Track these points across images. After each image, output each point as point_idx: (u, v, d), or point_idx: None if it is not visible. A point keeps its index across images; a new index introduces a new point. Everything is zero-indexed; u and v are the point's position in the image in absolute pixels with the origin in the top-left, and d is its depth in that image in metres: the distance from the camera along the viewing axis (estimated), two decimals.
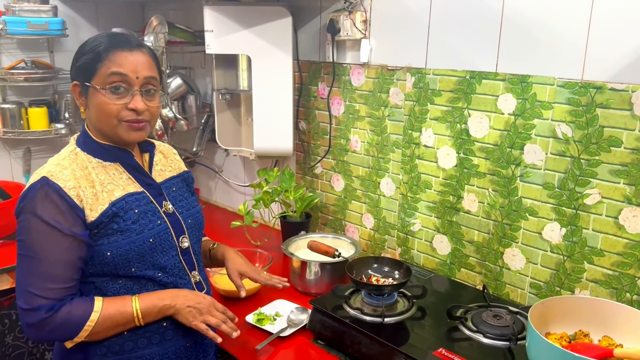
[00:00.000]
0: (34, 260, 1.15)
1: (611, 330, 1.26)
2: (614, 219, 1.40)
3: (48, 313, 1.14)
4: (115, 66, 1.18)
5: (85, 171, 1.21)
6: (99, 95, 1.19)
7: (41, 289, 1.14)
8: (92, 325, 1.16)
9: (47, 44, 2.56)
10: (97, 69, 1.19)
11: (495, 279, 1.68)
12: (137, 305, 1.21)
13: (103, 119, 1.21)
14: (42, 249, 1.14)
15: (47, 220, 1.14)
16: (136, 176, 1.28)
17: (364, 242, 2.07)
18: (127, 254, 1.20)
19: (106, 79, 1.19)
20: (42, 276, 1.14)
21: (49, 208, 1.14)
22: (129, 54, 1.20)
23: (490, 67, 1.58)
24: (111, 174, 1.25)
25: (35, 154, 2.60)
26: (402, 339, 1.38)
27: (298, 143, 2.24)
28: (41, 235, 1.14)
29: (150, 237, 1.23)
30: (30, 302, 1.14)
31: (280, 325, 1.56)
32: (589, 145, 1.41)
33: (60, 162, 1.21)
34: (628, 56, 1.32)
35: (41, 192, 1.15)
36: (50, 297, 1.14)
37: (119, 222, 1.20)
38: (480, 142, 1.63)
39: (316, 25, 2.05)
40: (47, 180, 1.16)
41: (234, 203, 2.65)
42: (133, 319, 1.20)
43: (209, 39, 2.03)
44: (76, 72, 1.23)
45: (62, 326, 1.15)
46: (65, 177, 1.17)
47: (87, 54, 1.21)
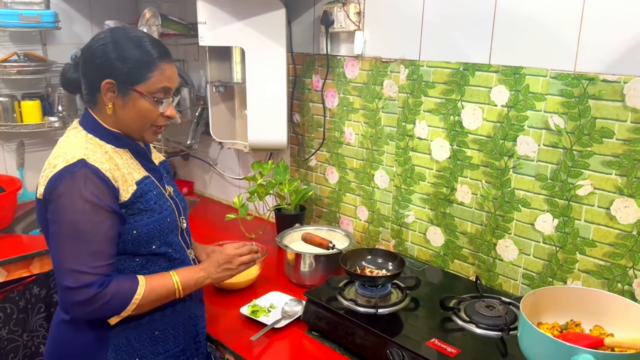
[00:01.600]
0: (81, 239, 1.18)
1: (602, 319, 1.27)
2: (606, 209, 1.41)
3: (100, 289, 1.18)
4: (165, 80, 1.27)
5: (107, 155, 1.27)
6: (142, 101, 1.26)
7: (91, 266, 1.18)
8: (139, 298, 1.22)
9: (40, 37, 2.54)
10: (147, 78, 1.25)
11: (488, 270, 1.69)
12: (177, 279, 1.30)
13: (140, 122, 1.29)
14: (88, 229, 1.18)
15: (90, 199, 1.18)
16: (142, 162, 1.36)
17: (358, 234, 2.07)
18: (151, 232, 1.29)
19: (156, 89, 1.26)
20: (91, 254, 1.18)
21: (91, 188, 1.19)
22: (170, 67, 1.29)
23: (483, 59, 1.58)
24: (124, 158, 1.31)
25: (29, 148, 2.59)
26: (395, 330, 1.39)
27: (292, 136, 2.24)
28: (87, 215, 1.18)
29: (167, 216, 1.33)
30: (80, 280, 1.17)
31: (274, 317, 1.57)
32: (582, 137, 1.42)
33: (87, 146, 1.25)
34: (620, 48, 1.33)
35: (81, 173, 1.19)
36: (100, 273, 1.18)
37: (143, 202, 1.28)
38: (473, 134, 1.64)
39: (310, 17, 2.05)
40: (85, 163, 1.20)
41: (229, 196, 2.65)
42: (174, 292, 1.29)
43: (203, 31, 2.03)
44: (117, 73, 1.24)
45: (112, 301, 1.19)
46: (99, 160, 1.23)
47: (136, 60, 1.24)
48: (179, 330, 1.39)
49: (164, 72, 1.27)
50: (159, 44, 1.30)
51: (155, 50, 1.27)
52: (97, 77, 1.25)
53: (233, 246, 1.46)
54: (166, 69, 1.27)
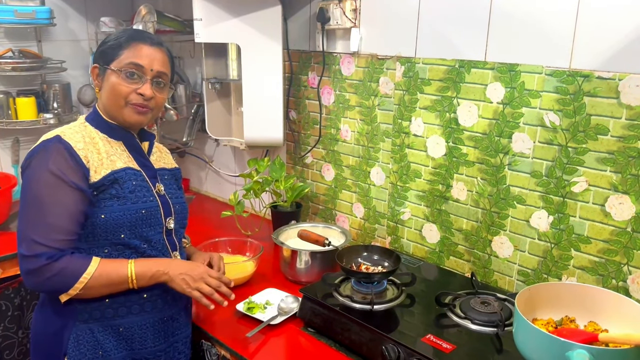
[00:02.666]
0: (41, 210, 1.21)
1: (597, 315, 1.28)
2: (601, 206, 1.41)
3: (48, 260, 1.19)
4: (134, 57, 1.31)
5: (93, 140, 1.32)
6: (113, 76, 1.31)
7: (45, 237, 1.20)
8: (87, 277, 1.22)
9: (35, 33, 2.53)
10: (117, 55, 1.31)
11: (483, 267, 1.69)
12: (133, 267, 1.28)
13: (113, 98, 1.32)
14: (49, 200, 1.21)
15: (56, 173, 1.21)
16: (135, 157, 1.38)
17: (354, 232, 2.07)
18: (120, 219, 1.28)
19: (124, 65, 1.31)
20: (47, 225, 1.21)
21: (59, 162, 1.22)
22: (148, 48, 1.33)
23: (479, 56, 1.58)
24: (115, 148, 1.35)
25: (24, 144, 2.58)
26: (391, 326, 1.39)
27: (288, 133, 2.24)
28: (49, 187, 1.22)
29: (142, 208, 1.32)
30: (32, 249, 1.20)
31: (270, 314, 1.57)
32: (577, 134, 1.42)
33: (72, 128, 1.32)
34: (615, 45, 1.33)
35: (53, 148, 1.24)
36: (52, 246, 1.20)
37: (117, 188, 1.29)
38: (469, 131, 1.64)
39: (306, 14, 2.05)
40: (59, 138, 1.26)
41: (225, 193, 2.65)
42: (127, 280, 1.27)
43: (198, 27, 2.02)
44: (98, 56, 1.35)
45: (59, 275, 1.20)
46: (76, 139, 1.28)
47: (111, 42, 1.34)
48: (148, 332, 1.35)
49: (136, 50, 1.32)
50: (142, 32, 1.40)
51: (135, 33, 1.36)
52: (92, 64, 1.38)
53: (207, 270, 1.37)
54: (140, 49, 1.32)
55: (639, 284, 1.39)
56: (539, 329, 1.13)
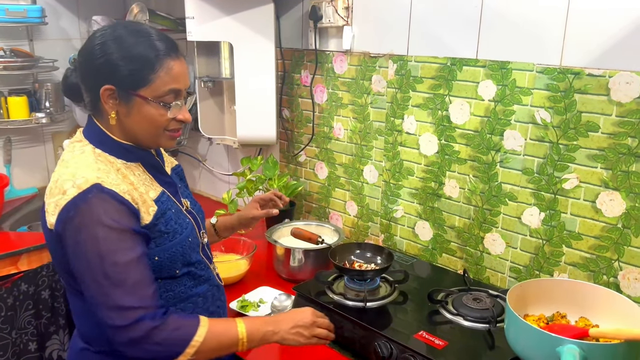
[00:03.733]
0: (116, 273, 1.03)
1: (588, 311, 1.29)
2: (592, 203, 1.42)
3: (155, 322, 1.03)
4: (172, 82, 1.11)
5: (120, 173, 1.12)
6: (148, 107, 1.11)
7: (136, 298, 1.03)
8: (199, 340, 1.06)
9: (27, 32, 2.52)
10: (150, 81, 1.09)
11: (475, 264, 1.70)
12: (244, 328, 1.13)
13: (148, 129, 1.14)
14: (121, 258, 1.03)
15: (114, 225, 1.04)
16: (155, 175, 1.21)
17: (347, 229, 2.08)
18: (174, 255, 1.16)
19: (162, 93, 1.11)
20: (132, 285, 1.03)
21: (110, 212, 1.04)
22: (179, 64, 1.13)
23: (470, 54, 1.59)
24: (137, 174, 1.16)
25: (16, 144, 2.57)
26: (384, 323, 1.40)
27: (282, 131, 2.24)
28: (114, 243, 1.04)
29: (188, 236, 1.20)
30: (128, 316, 1.02)
31: (264, 312, 1.57)
32: (567, 131, 1.43)
33: (99, 167, 1.09)
34: (605, 42, 1.34)
35: (97, 200, 1.04)
36: (148, 305, 1.04)
37: (163, 223, 1.14)
38: (461, 129, 1.65)
39: (298, 12, 2.05)
40: (101, 187, 1.05)
41: (218, 192, 2.64)
42: (237, 342, 1.12)
43: (191, 26, 2.02)
44: (114, 76, 1.09)
45: (170, 338, 1.05)
46: (114, 182, 1.08)
47: (135, 61, 1.09)
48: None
49: (171, 72, 1.11)
50: (165, 38, 1.13)
51: (160, 44, 1.11)
52: (96, 83, 1.10)
53: (313, 311, 1.25)
54: (173, 67, 1.11)
55: (629, 280, 1.40)
56: (530, 325, 1.14)
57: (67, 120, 2.70)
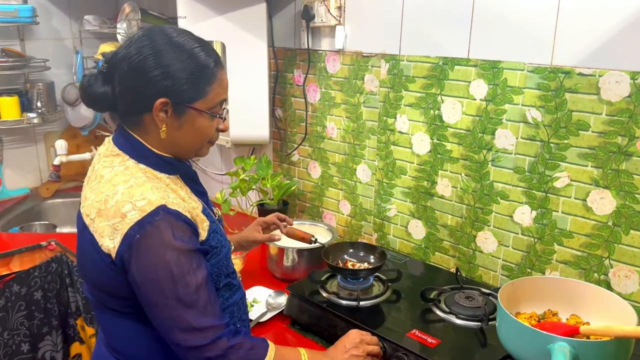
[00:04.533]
0: (190, 295, 1.02)
1: (579, 309, 1.30)
2: (582, 201, 1.43)
3: (232, 340, 1.04)
4: (224, 92, 1.10)
5: (170, 188, 1.09)
6: (201, 119, 1.08)
7: (210, 317, 1.03)
8: None
9: (18, 32, 2.50)
10: (207, 93, 1.07)
11: (468, 262, 1.71)
12: (307, 356, 1.16)
13: (197, 141, 1.12)
14: (193, 280, 1.02)
15: (184, 247, 1.02)
16: (192, 187, 1.17)
17: (341, 229, 2.08)
18: (220, 269, 1.15)
19: (215, 104, 1.09)
20: (204, 304, 1.03)
21: (179, 234, 1.02)
22: (225, 74, 1.12)
23: (462, 54, 1.60)
24: (178, 187, 1.12)
25: (8, 144, 2.56)
26: (377, 322, 1.40)
27: (275, 131, 2.24)
28: (185, 264, 1.02)
29: (229, 248, 1.20)
30: (206, 336, 1.02)
31: (258, 312, 1.57)
32: (558, 130, 1.44)
33: (154, 185, 1.05)
34: (595, 41, 1.35)
35: (164, 223, 1.01)
36: (221, 323, 1.05)
37: (213, 237, 1.13)
38: (453, 128, 1.66)
39: (291, 11, 2.05)
40: (167, 209, 1.02)
41: (211, 191, 2.63)
42: None
43: (183, 25, 2.01)
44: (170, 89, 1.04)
45: (244, 358, 1.05)
46: (175, 201, 1.05)
47: (194, 73, 1.05)
48: None
49: (222, 83, 1.10)
50: (211, 49, 1.10)
51: (210, 57, 1.08)
52: (147, 95, 1.04)
53: (357, 331, 1.29)
54: (223, 79, 1.10)
55: (620, 277, 1.41)
56: (521, 323, 1.14)
57: (59, 120, 2.69)
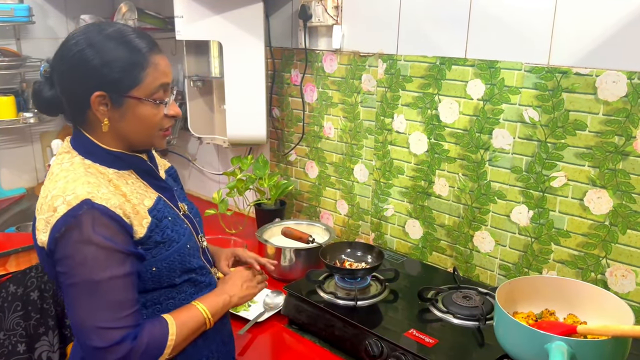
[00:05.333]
0: (100, 292, 1.02)
1: (576, 308, 1.30)
2: (579, 200, 1.44)
3: (133, 342, 1.03)
4: (162, 76, 1.10)
5: (112, 185, 1.09)
6: (142, 107, 1.09)
7: (116, 320, 1.02)
8: (173, 338, 1.09)
9: (14, 31, 2.49)
10: (141, 79, 1.07)
11: (465, 262, 1.71)
12: (204, 307, 1.17)
13: (144, 131, 1.12)
14: (107, 277, 1.02)
15: (104, 244, 1.01)
16: (150, 181, 1.18)
17: (338, 228, 2.08)
18: (172, 264, 1.14)
19: (154, 90, 1.09)
20: (113, 306, 1.03)
21: (102, 231, 1.02)
22: (163, 58, 1.11)
23: (459, 53, 1.60)
24: (130, 183, 1.13)
25: (3, 144, 2.55)
26: (374, 322, 1.40)
27: (272, 130, 2.24)
28: (102, 263, 1.02)
29: (186, 243, 1.17)
30: (109, 338, 1.01)
31: (255, 312, 1.57)
32: (555, 129, 1.44)
33: (89, 180, 1.06)
34: (592, 42, 1.35)
35: (87, 217, 1.01)
36: (127, 325, 1.03)
37: (159, 233, 1.12)
38: (450, 128, 1.66)
39: (288, 11, 2.05)
40: (91, 203, 1.02)
41: (208, 191, 2.64)
42: (204, 321, 1.16)
43: (180, 25, 2.01)
44: (103, 82, 1.06)
45: (148, 349, 1.05)
46: (105, 196, 1.04)
47: (123, 62, 1.06)
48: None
49: (158, 67, 1.09)
50: (145, 35, 1.12)
51: (142, 43, 1.09)
52: (83, 92, 1.06)
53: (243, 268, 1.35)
54: (159, 62, 1.10)
55: (616, 277, 1.41)
56: (518, 322, 1.15)
57: (55, 120, 2.68)
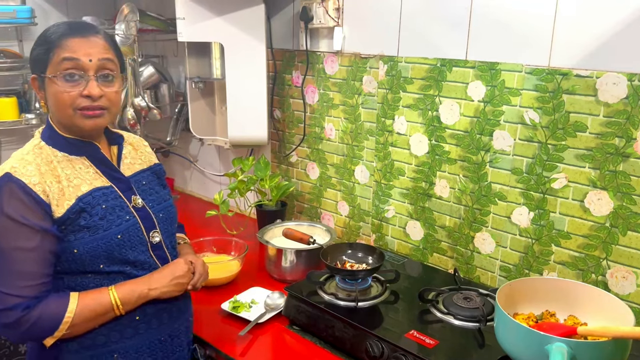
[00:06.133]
0: (4, 260, 1.12)
1: (576, 309, 1.30)
2: (580, 202, 1.44)
3: (25, 311, 1.11)
4: (66, 52, 1.15)
5: (51, 165, 1.18)
6: (53, 85, 1.16)
7: (14, 287, 1.11)
8: (70, 316, 1.14)
9: (16, 33, 2.50)
10: (49, 58, 1.15)
11: (466, 263, 1.71)
12: (115, 293, 1.19)
13: (60, 109, 1.18)
14: (11, 247, 1.11)
15: (14, 217, 1.10)
16: (103, 170, 1.25)
17: (339, 230, 2.08)
18: (95, 250, 1.18)
19: (58, 66, 1.15)
20: (14, 274, 1.11)
21: (15, 205, 1.11)
22: (82, 39, 1.16)
23: (460, 55, 1.60)
24: (77, 168, 1.21)
25: (5, 145, 2.55)
26: (375, 323, 1.41)
27: (273, 131, 2.25)
28: (9, 233, 1.11)
29: (118, 233, 1.21)
30: (4, 302, 1.11)
31: (256, 313, 1.58)
32: (556, 131, 1.44)
33: (25, 157, 1.17)
34: (592, 43, 1.35)
35: (5, 189, 1.12)
36: (25, 295, 1.11)
37: (86, 217, 1.18)
38: (451, 129, 1.66)
39: (289, 12, 2.05)
40: (10, 177, 1.12)
41: (210, 192, 2.64)
42: (112, 308, 1.19)
43: (181, 26, 2.02)
44: (32, 65, 1.19)
45: (40, 322, 1.12)
46: (29, 173, 1.14)
47: (42, 45, 1.17)
48: (144, 355, 1.27)
49: (66, 46, 1.15)
50: (72, 23, 1.21)
51: (61, 29, 1.17)
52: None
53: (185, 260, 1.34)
54: (69, 43, 1.15)
55: (617, 278, 1.41)
56: (518, 323, 1.15)
57: None
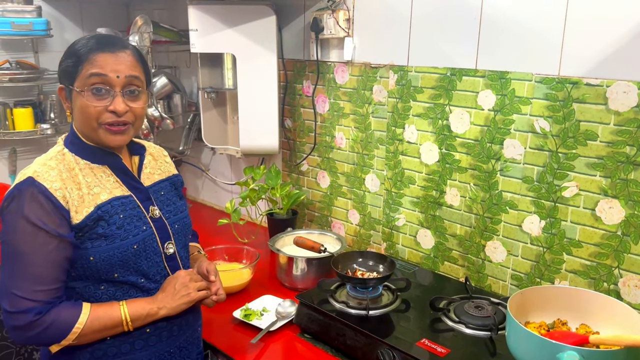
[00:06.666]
0: (20, 262, 1.13)
1: (588, 318, 1.30)
2: (591, 210, 1.44)
3: (36, 316, 1.13)
4: (95, 67, 1.17)
5: (72, 172, 1.20)
6: (80, 98, 1.18)
7: (28, 291, 1.13)
8: (80, 327, 1.16)
9: (32, 45, 2.55)
10: (78, 72, 1.18)
11: (477, 271, 1.71)
12: (126, 309, 1.20)
13: (85, 122, 1.20)
14: (28, 250, 1.13)
15: (33, 221, 1.13)
16: (124, 179, 1.27)
17: (349, 238, 2.09)
18: (111, 259, 1.19)
19: (86, 80, 1.17)
20: (28, 278, 1.13)
21: (35, 209, 1.13)
22: (111, 55, 1.19)
23: (470, 64, 1.61)
24: (98, 176, 1.24)
25: (21, 155, 2.60)
26: (386, 331, 1.41)
27: (284, 141, 2.26)
28: (27, 236, 1.13)
29: (134, 243, 1.22)
30: (16, 304, 1.13)
31: (267, 320, 1.58)
32: (566, 139, 1.45)
33: (47, 163, 1.20)
34: (602, 52, 1.36)
35: (27, 193, 1.14)
36: (38, 299, 1.13)
37: (103, 226, 1.19)
38: (461, 138, 1.67)
39: (300, 23, 2.07)
40: (32, 181, 1.15)
41: (221, 201, 2.66)
42: (121, 323, 1.20)
43: (194, 38, 2.05)
44: (61, 76, 1.23)
45: (50, 329, 1.14)
46: (51, 178, 1.16)
47: (71, 57, 1.20)
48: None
49: (95, 62, 1.17)
50: (102, 37, 1.24)
51: (91, 43, 1.19)
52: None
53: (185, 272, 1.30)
54: (98, 58, 1.18)
55: (629, 287, 1.41)
56: (530, 332, 1.15)
57: None
